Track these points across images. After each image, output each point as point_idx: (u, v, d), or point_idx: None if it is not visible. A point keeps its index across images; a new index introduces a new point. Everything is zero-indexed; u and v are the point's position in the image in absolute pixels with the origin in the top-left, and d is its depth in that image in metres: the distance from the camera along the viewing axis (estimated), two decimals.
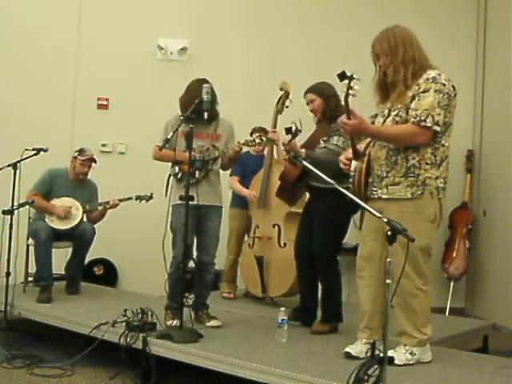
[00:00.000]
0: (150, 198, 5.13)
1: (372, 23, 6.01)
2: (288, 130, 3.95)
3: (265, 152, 5.38)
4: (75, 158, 5.11)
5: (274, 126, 4.73)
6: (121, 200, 5.11)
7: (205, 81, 4.02)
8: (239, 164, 5.04)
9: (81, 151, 5.12)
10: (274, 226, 4.95)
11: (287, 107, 4.67)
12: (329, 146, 4.01)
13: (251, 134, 5.15)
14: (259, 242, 5.05)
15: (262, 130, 5.15)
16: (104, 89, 6.27)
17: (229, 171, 4.83)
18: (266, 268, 4.96)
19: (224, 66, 6.13)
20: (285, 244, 4.87)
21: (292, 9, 6.48)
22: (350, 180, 3.32)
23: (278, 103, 4.72)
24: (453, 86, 3.20)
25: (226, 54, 6.32)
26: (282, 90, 4.69)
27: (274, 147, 5.00)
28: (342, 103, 3.18)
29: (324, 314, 4.07)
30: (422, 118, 3.11)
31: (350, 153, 3.37)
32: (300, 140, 4.11)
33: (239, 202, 5.28)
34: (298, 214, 4.85)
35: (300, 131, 3.95)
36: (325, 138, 4.06)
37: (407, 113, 3.17)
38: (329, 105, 4.10)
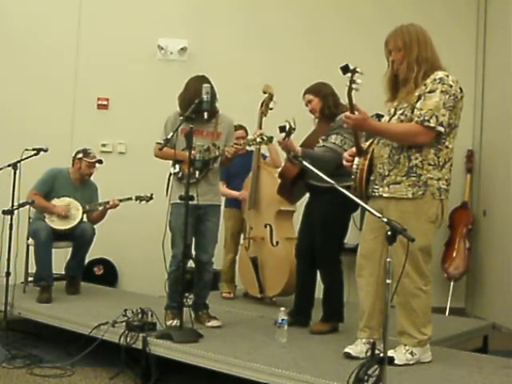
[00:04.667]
0: (150, 198, 5.13)
1: (372, 23, 6.09)
2: (282, 129, 3.95)
3: (248, 148, 5.32)
4: (80, 159, 5.10)
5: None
6: (121, 200, 5.11)
7: (204, 78, 4.02)
8: (223, 168, 5.00)
9: (85, 152, 5.11)
10: (265, 226, 4.96)
11: (271, 109, 4.71)
12: (327, 145, 4.02)
13: None
14: (253, 243, 5.07)
15: (242, 128, 5.14)
16: (104, 89, 6.28)
17: None
18: (261, 268, 4.98)
19: (224, 65, 6.13)
20: (277, 242, 4.89)
21: (292, 9, 6.48)
22: (352, 177, 3.32)
23: (261, 106, 4.76)
24: (460, 88, 3.19)
25: (226, 53, 6.32)
26: (265, 92, 4.73)
27: (264, 148, 4.97)
28: (342, 100, 3.17)
29: (324, 314, 4.06)
30: (426, 118, 3.11)
31: (354, 149, 3.37)
32: (298, 138, 4.11)
33: (233, 202, 5.28)
34: (288, 212, 4.92)
35: (294, 129, 3.95)
36: (323, 137, 4.07)
37: (413, 112, 3.16)
38: (326, 103, 4.10)
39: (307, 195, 4.34)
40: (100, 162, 5.15)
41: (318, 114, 4.17)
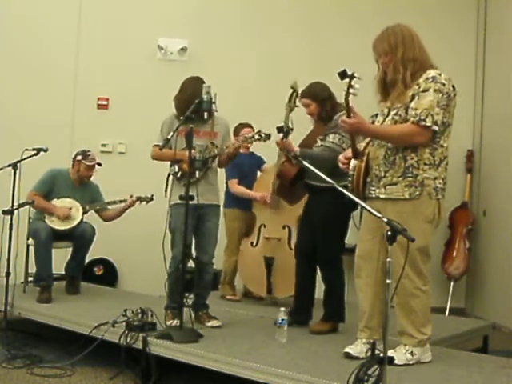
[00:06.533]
0: (151, 199, 5.12)
1: (372, 23, 6.03)
2: (279, 129, 3.95)
3: (251, 149, 5.33)
4: (79, 161, 5.09)
5: (287, 124, 4.61)
6: (137, 199, 5.12)
7: (199, 79, 4.03)
8: (235, 165, 5.00)
9: (84, 155, 5.09)
10: (284, 228, 4.92)
11: (297, 106, 4.61)
12: (325, 144, 4.02)
13: (237, 130, 5.11)
14: (267, 243, 5.01)
15: (249, 126, 5.13)
16: (104, 89, 6.27)
17: (223, 173, 4.81)
18: (276, 269, 4.93)
19: (224, 65, 6.13)
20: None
21: (292, 9, 6.48)
22: (349, 179, 3.33)
23: (289, 101, 4.58)
24: (453, 86, 3.20)
25: (226, 54, 6.32)
26: (292, 88, 4.61)
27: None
28: (342, 102, 3.18)
29: (325, 314, 4.07)
30: (422, 118, 3.11)
31: (349, 152, 3.38)
32: (297, 138, 4.11)
33: (237, 202, 5.23)
34: None
35: (292, 129, 3.95)
36: (321, 137, 4.08)
37: (407, 112, 3.17)
38: (324, 108, 4.11)
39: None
40: (99, 164, 5.14)
41: (315, 117, 4.18)
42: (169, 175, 4.14)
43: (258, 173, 5.42)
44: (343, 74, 3.03)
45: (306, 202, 4.31)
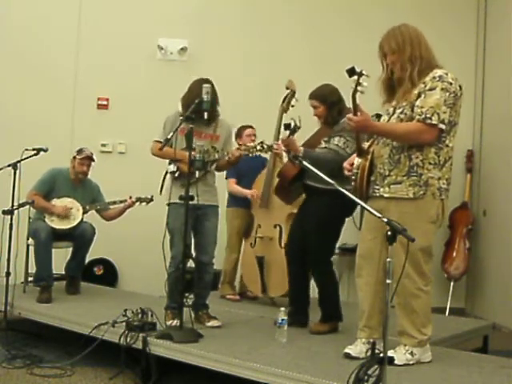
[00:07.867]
0: (151, 200, 5.12)
1: (372, 23, 6.09)
2: (287, 126, 3.95)
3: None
4: (74, 157, 5.12)
5: (279, 126, 4.62)
6: (138, 199, 5.13)
7: (207, 81, 4.02)
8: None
9: (79, 151, 5.12)
10: (275, 227, 4.95)
11: (293, 106, 4.62)
12: (329, 146, 4.01)
13: (239, 132, 5.20)
14: (260, 242, 5.04)
15: (251, 127, 5.22)
16: (104, 89, 6.28)
17: (223, 173, 4.83)
18: (267, 268, 4.95)
19: (224, 65, 6.13)
20: (286, 245, 4.87)
21: (292, 8, 6.48)
22: (353, 177, 3.32)
23: (283, 102, 4.63)
24: (459, 86, 3.19)
25: (226, 54, 6.32)
26: (288, 88, 4.64)
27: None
28: (346, 102, 3.17)
29: (323, 315, 4.06)
30: (428, 116, 3.10)
31: (353, 158, 3.37)
32: (301, 138, 4.11)
33: (240, 201, 5.25)
34: None
35: (299, 128, 3.94)
36: (326, 139, 4.06)
37: (412, 110, 3.16)
38: (331, 112, 4.07)
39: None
40: (92, 159, 5.13)
41: (322, 120, 4.17)
42: (166, 173, 4.13)
43: None
44: (352, 72, 3.02)
45: (303, 203, 4.30)
